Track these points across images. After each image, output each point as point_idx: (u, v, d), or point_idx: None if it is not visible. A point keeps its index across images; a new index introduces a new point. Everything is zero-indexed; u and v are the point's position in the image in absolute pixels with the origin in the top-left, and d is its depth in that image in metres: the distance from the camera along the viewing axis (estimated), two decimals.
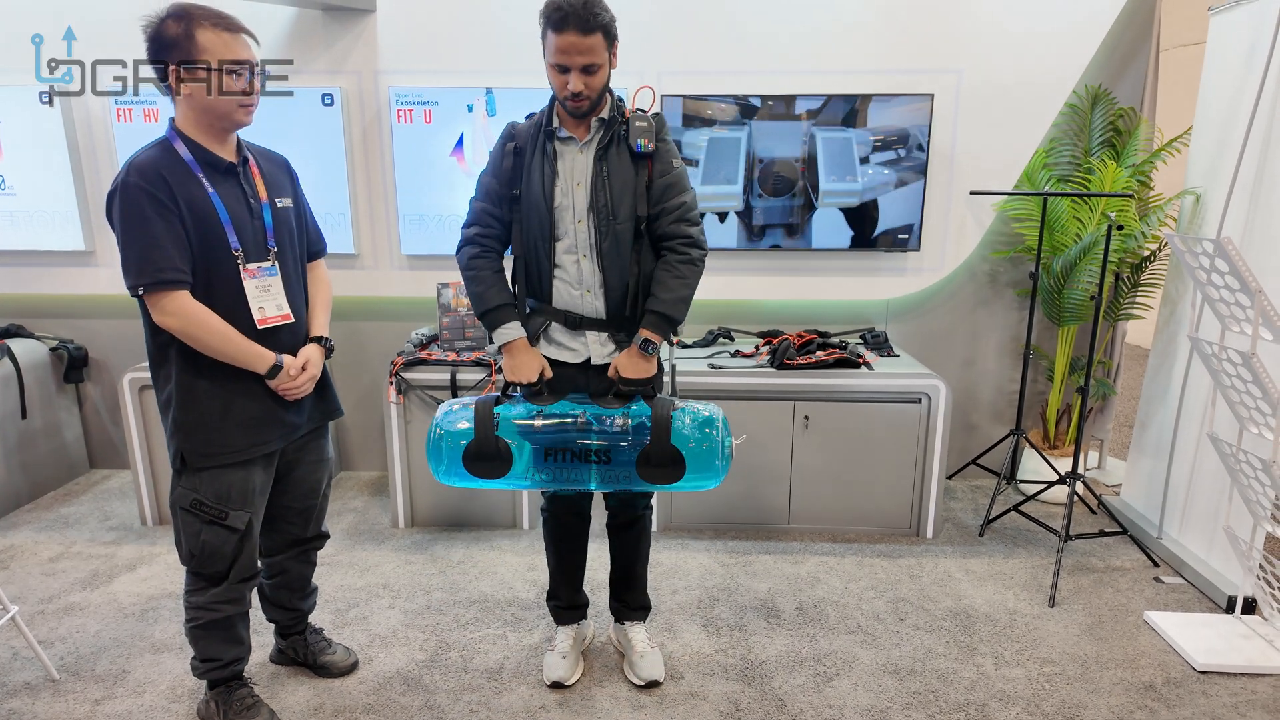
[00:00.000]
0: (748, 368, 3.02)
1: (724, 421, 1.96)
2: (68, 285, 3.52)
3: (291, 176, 2.01)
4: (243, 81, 1.73)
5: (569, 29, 1.74)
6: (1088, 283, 3.15)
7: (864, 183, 3.23)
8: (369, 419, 3.71)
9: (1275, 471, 2.15)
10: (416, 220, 3.37)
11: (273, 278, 1.85)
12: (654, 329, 1.92)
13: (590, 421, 1.92)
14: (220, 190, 1.77)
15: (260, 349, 1.80)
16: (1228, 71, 2.75)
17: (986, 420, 3.68)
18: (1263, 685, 2.19)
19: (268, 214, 1.86)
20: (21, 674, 2.22)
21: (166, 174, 1.70)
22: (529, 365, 1.95)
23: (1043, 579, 2.75)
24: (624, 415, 1.92)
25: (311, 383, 1.92)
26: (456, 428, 1.91)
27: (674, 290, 1.92)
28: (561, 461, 1.89)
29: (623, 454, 1.89)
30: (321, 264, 2.11)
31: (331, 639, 2.30)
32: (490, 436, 1.88)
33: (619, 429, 1.90)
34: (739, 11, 3.19)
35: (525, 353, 1.96)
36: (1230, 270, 2.07)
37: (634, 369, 1.94)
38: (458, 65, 3.26)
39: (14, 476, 3.31)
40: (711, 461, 1.89)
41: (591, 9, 1.75)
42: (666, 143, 1.94)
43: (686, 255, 1.93)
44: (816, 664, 2.28)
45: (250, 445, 1.84)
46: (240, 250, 1.78)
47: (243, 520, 1.84)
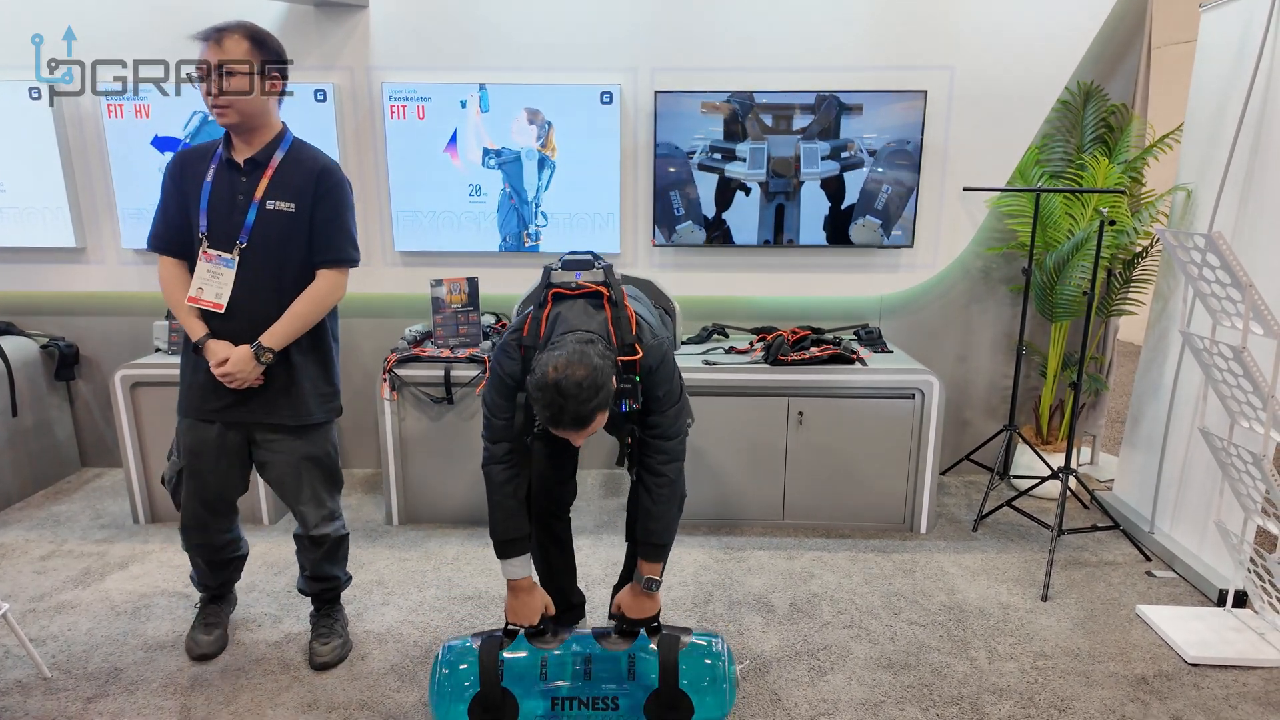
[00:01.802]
0: (742, 364, 3.03)
1: (729, 652, 1.96)
2: (58, 282, 3.50)
3: (319, 184, 2.03)
4: (205, 86, 1.93)
5: (566, 429, 1.64)
6: (1080, 278, 3.16)
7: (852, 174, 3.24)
8: (362, 416, 3.69)
9: (1266, 465, 2.17)
10: (410, 217, 3.36)
11: (227, 269, 2.00)
12: (652, 560, 1.92)
13: (595, 670, 1.90)
14: (215, 182, 2.00)
15: (194, 322, 2.02)
16: (1218, 68, 2.77)
17: (980, 416, 3.69)
18: (1254, 678, 2.20)
19: (252, 213, 1.99)
20: (13, 672, 2.21)
21: (183, 160, 2.04)
22: (531, 607, 1.94)
23: (1036, 573, 2.76)
24: (630, 656, 1.91)
25: (238, 381, 2.01)
26: (460, 672, 1.89)
27: (660, 519, 1.91)
28: (570, 710, 1.90)
29: (628, 698, 1.89)
30: (328, 275, 2.07)
31: (334, 633, 2.30)
32: (496, 686, 1.86)
33: (625, 673, 1.90)
34: (732, 8, 3.19)
35: (528, 593, 1.95)
36: (1221, 265, 2.08)
37: (638, 609, 1.95)
38: (451, 61, 3.25)
39: (5, 474, 3.28)
40: (719, 696, 1.90)
41: (587, 405, 1.59)
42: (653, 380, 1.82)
43: (664, 476, 1.88)
44: (811, 658, 2.29)
45: (191, 406, 2.10)
46: (206, 234, 2.00)
47: (176, 467, 2.15)
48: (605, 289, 1.83)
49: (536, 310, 1.83)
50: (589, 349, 1.63)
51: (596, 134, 3.25)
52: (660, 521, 1.90)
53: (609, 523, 3.15)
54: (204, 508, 2.16)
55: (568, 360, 1.60)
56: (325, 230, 2.04)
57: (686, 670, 1.88)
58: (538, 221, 3.34)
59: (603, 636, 1.97)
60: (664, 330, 2.06)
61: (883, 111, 3.18)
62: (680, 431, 1.90)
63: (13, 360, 3.31)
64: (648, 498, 1.90)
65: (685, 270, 3.43)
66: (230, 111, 1.92)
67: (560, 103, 3.22)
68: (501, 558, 1.93)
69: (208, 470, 2.12)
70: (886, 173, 3.23)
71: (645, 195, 3.34)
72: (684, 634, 1.95)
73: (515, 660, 1.91)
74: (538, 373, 1.61)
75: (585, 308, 1.80)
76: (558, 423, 1.62)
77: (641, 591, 1.94)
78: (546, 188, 3.31)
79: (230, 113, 1.93)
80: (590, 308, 1.80)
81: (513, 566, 1.92)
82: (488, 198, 3.32)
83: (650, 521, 1.91)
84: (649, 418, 1.86)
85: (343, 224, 2.06)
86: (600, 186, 3.30)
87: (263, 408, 2.09)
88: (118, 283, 3.47)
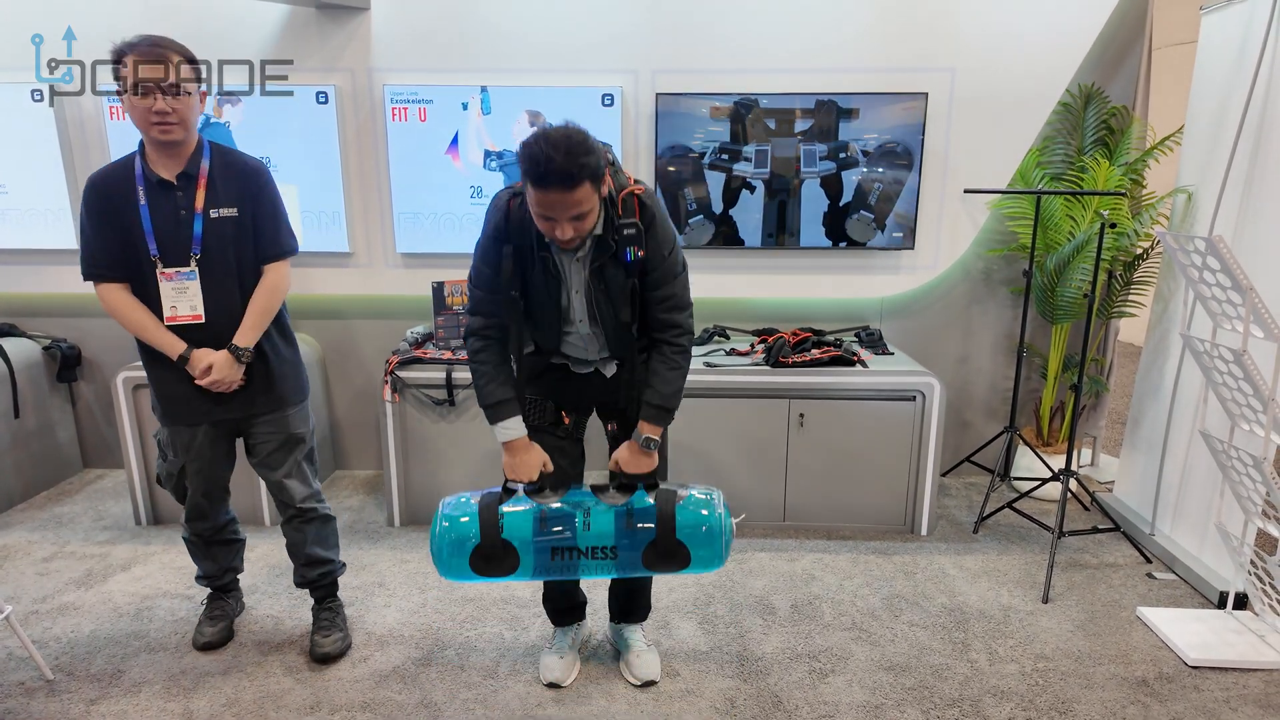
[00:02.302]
0: (743, 366, 3.03)
1: (725, 505, 1.96)
2: (60, 284, 3.50)
3: (249, 183, 2.11)
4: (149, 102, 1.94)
5: (552, 187, 1.61)
6: (1081, 280, 3.17)
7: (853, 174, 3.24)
8: (364, 418, 3.70)
9: (1266, 468, 2.17)
10: (411, 218, 3.36)
11: (190, 281, 2.06)
12: (654, 421, 1.93)
13: (594, 521, 1.91)
14: (151, 202, 2.02)
15: (171, 339, 2.07)
16: (1219, 71, 2.77)
17: (980, 418, 3.70)
18: (1254, 680, 2.21)
19: (198, 224, 2.04)
20: (16, 674, 2.21)
21: (103, 187, 2.02)
22: (529, 463, 1.94)
23: (1036, 575, 2.77)
24: (627, 509, 1.92)
25: (224, 385, 2.10)
26: (460, 526, 1.90)
27: (670, 383, 1.92)
28: (567, 559, 1.91)
29: (627, 549, 1.90)
30: (276, 268, 2.16)
31: (335, 626, 2.36)
32: (496, 539, 1.87)
33: (623, 525, 1.90)
34: (733, 10, 3.19)
35: (525, 450, 1.95)
36: (1222, 268, 2.09)
37: (636, 464, 1.95)
38: (452, 63, 3.26)
39: (7, 476, 3.29)
40: (715, 547, 1.91)
41: (575, 159, 1.59)
42: (656, 236, 1.82)
43: (678, 345, 1.91)
44: (812, 660, 2.29)
45: (176, 414, 2.16)
46: (158, 256, 2.03)
47: (176, 465, 2.23)
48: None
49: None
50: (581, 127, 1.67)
51: (598, 136, 3.22)
52: (671, 386, 1.92)
53: None
54: (205, 498, 2.28)
55: (553, 127, 1.64)
56: (268, 228, 2.14)
57: (683, 521, 1.89)
58: None
59: (601, 491, 1.98)
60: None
61: (884, 113, 3.18)
62: (690, 306, 1.93)
63: (15, 362, 3.32)
64: (662, 364, 1.91)
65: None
66: (178, 129, 1.98)
67: (562, 105, 3.22)
68: (493, 422, 1.93)
69: (205, 465, 2.23)
70: (887, 174, 3.24)
71: None
72: (680, 489, 1.97)
73: (514, 513, 1.91)
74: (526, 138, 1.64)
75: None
76: (544, 177, 1.60)
77: (640, 449, 1.94)
78: None
79: (177, 130, 1.98)
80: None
81: (506, 429, 1.93)
82: (489, 200, 3.32)
83: (661, 385, 1.91)
84: (658, 290, 1.86)
85: (280, 218, 2.18)
86: None
87: (246, 403, 2.19)
88: None
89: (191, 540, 2.36)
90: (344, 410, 3.71)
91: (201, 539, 2.35)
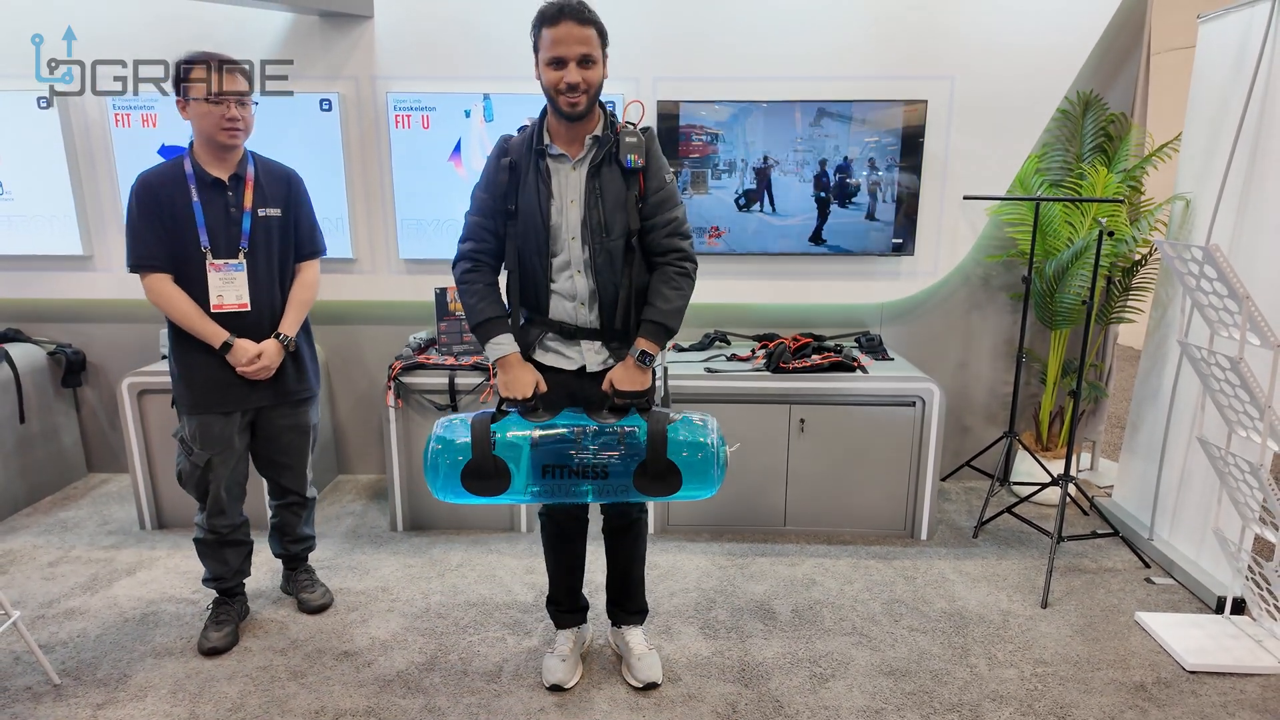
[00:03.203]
0: (744, 371, 3.05)
1: (719, 431, 1.97)
2: (66, 290, 3.53)
3: (292, 189, 2.35)
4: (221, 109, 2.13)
5: (565, 20, 1.78)
6: (1079, 287, 3.19)
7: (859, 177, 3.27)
8: (367, 423, 3.72)
9: (1263, 474, 2.19)
10: (414, 225, 3.38)
11: (238, 273, 2.23)
12: (651, 338, 1.94)
13: (586, 437, 1.92)
14: (205, 199, 2.19)
15: (215, 328, 2.21)
16: (1217, 78, 2.79)
17: (980, 423, 3.71)
18: (1251, 685, 2.22)
19: (247, 221, 2.23)
20: (23, 679, 2.23)
21: (156, 183, 2.17)
22: (522, 380, 1.95)
23: (1035, 580, 2.78)
24: (619, 429, 1.93)
25: (268, 371, 2.27)
26: (454, 444, 1.91)
27: (671, 301, 1.94)
28: (559, 478, 1.91)
29: (619, 468, 1.90)
30: (312, 265, 2.41)
31: (317, 583, 2.65)
32: (488, 455, 1.88)
33: (615, 443, 1.91)
34: (733, 19, 3.22)
35: (519, 368, 1.96)
36: (1218, 277, 2.11)
37: (630, 381, 1.95)
38: (455, 71, 3.28)
39: (12, 481, 3.31)
40: (707, 472, 1.91)
41: (585, 6, 1.81)
42: (657, 157, 1.94)
43: (681, 268, 1.95)
44: (812, 665, 2.31)
45: (210, 403, 2.26)
46: (209, 248, 2.19)
47: (203, 458, 2.28)
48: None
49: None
50: None
51: None
52: (671, 304, 1.94)
53: None
54: (228, 493, 2.36)
55: None
56: (305, 228, 2.38)
57: (676, 444, 1.89)
58: None
59: (594, 411, 1.98)
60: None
61: (883, 120, 3.20)
62: (691, 235, 1.99)
63: (20, 367, 3.34)
64: (665, 284, 1.94)
65: None
66: (243, 134, 2.20)
67: None
68: (484, 340, 1.96)
69: (231, 456, 2.33)
70: (886, 180, 3.26)
71: None
72: (675, 414, 1.97)
73: (507, 429, 1.92)
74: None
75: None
76: (559, 13, 1.78)
77: (635, 365, 1.94)
78: None
79: (243, 135, 2.20)
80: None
81: (498, 345, 1.95)
82: None
83: (662, 303, 1.93)
84: (658, 216, 1.92)
85: (315, 220, 2.42)
86: None
87: (278, 391, 2.35)
88: (124, 290, 3.49)
89: (207, 540, 2.38)
90: (347, 415, 3.73)
91: (219, 537, 2.38)
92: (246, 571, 2.49)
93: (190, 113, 2.14)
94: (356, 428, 3.74)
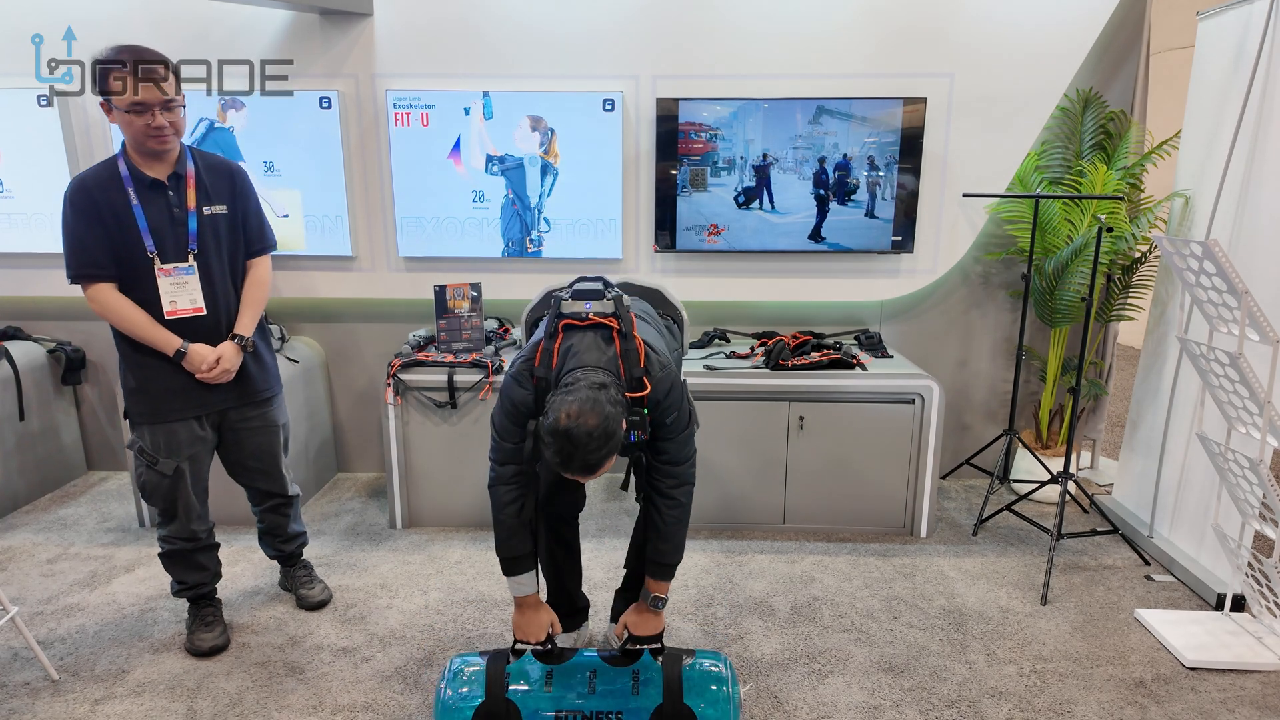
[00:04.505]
0: (743, 369, 3.05)
1: (732, 674, 1.97)
2: (66, 288, 3.48)
3: (236, 183, 2.25)
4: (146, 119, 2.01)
5: (573, 473, 1.66)
6: (1079, 284, 3.18)
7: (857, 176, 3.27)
8: (366, 421, 3.72)
9: (1262, 471, 2.18)
10: (414, 223, 3.38)
11: (189, 276, 2.15)
12: (661, 578, 1.95)
13: (600, 684, 1.91)
14: (144, 202, 2.08)
15: (167, 335, 2.12)
16: (1216, 75, 2.79)
17: (979, 420, 3.71)
18: (1251, 681, 2.22)
19: (193, 221, 2.14)
20: (21, 674, 2.23)
21: (93, 188, 2.05)
22: (538, 623, 1.96)
23: (1035, 577, 2.78)
24: (634, 672, 1.93)
25: (228, 375, 2.21)
26: (465, 684, 1.90)
27: (671, 540, 1.94)
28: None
29: (633, 715, 1.89)
30: (263, 262, 2.33)
31: (314, 578, 2.63)
32: (501, 699, 1.87)
33: (629, 691, 1.90)
34: (731, 15, 3.22)
35: (534, 609, 1.96)
36: (1218, 272, 2.10)
37: (644, 626, 1.97)
38: (455, 69, 3.28)
39: (12, 478, 3.31)
40: (724, 716, 1.89)
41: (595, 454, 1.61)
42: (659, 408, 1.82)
43: (674, 499, 1.91)
44: (811, 662, 2.31)
45: (170, 411, 2.19)
46: (155, 252, 2.10)
47: (170, 467, 2.20)
48: (615, 321, 1.84)
49: (548, 341, 1.84)
50: (601, 395, 1.64)
51: (598, 141, 3.28)
52: (670, 542, 1.93)
53: (611, 527, 3.17)
54: (197, 497, 2.31)
55: (580, 408, 1.60)
56: (254, 224, 2.30)
57: (691, 687, 1.89)
58: (540, 227, 3.37)
59: (608, 657, 1.99)
60: (674, 344, 2.10)
61: (883, 118, 3.20)
62: (690, 456, 1.93)
63: (20, 365, 3.34)
64: (659, 519, 1.92)
65: (686, 275, 3.45)
66: (170, 139, 2.08)
67: (563, 110, 3.24)
68: (508, 574, 1.95)
69: (197, 462, 2.28)
70: (886, 178, 3.26)
71: (647, 201, 3.37)
72: (687, 655, 1.96)
73: (520, 673, 1.93)
74: (550, 417, 1.63)
75: (596, 341, 1.81)
76: (567, 468, 1.65)
77: (648, 609, 1.97)
78: (549, 194, 3.34)
79: (174, 140, 2.09)
80: (601, 341, 1.81)
81: (519, 584, 1.95)
82: (491, 204, 3.35)
83: (661, 542, 1.94)
84: (658, 444, 1.88)
85: (263, 215, 2.33)
86: (602, 192, 3.33)
87: (238, 392, 2.28)
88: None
89: (181, 550, 2.31)
90: (346, 413, 3.73)
91: (197, 544, 2.32)
92: (218, 569, 2.44)
93: (115, 119, 2.03)
94: (356, 425, 3.74)
